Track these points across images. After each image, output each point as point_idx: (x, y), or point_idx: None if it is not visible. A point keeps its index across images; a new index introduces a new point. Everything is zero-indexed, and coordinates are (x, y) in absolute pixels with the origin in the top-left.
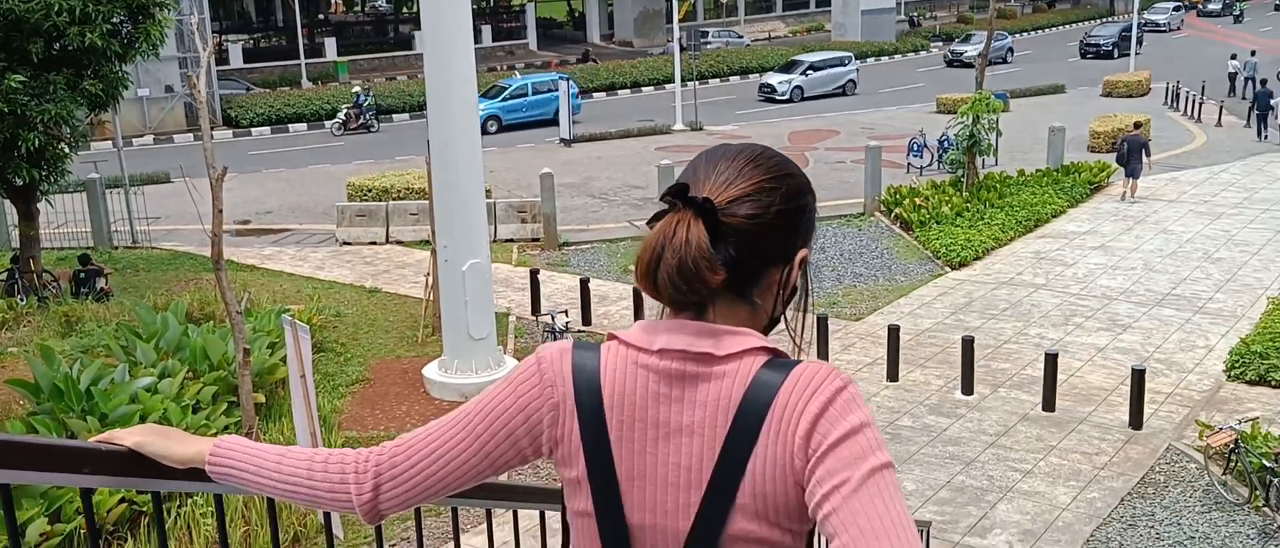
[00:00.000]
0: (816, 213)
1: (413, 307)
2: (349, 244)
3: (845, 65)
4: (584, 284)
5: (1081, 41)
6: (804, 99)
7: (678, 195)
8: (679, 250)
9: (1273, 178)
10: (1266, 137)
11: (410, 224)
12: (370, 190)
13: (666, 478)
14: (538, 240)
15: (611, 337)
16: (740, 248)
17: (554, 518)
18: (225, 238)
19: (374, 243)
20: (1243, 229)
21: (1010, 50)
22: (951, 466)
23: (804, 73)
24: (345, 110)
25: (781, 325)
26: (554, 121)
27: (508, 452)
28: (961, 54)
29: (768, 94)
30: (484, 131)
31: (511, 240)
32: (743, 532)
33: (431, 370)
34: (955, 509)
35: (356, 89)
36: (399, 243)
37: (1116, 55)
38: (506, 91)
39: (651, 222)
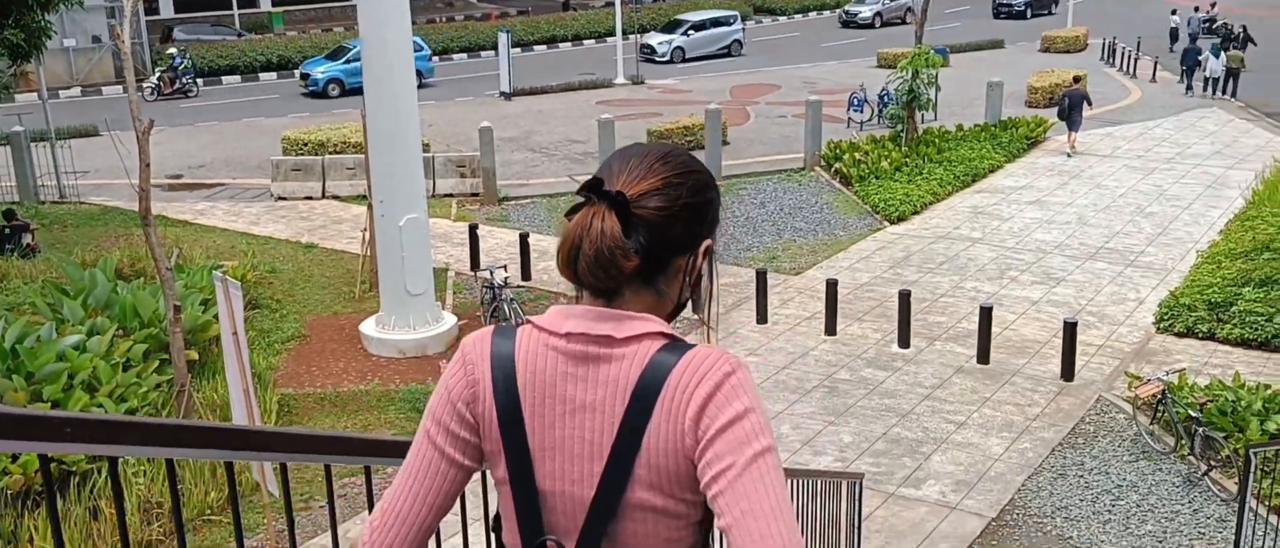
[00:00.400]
0: (720, 206)
1: (350, 262)
2: (284, 199)
3: (730, 25)
4: (524, 239)
5: (994, 2)
6: (685, 61)
7: (593, 190)
8: (595, 241)
9: (1204, 133)
10: (1192, 91)
11: (347, 179)
12: (306, 144)
13: (573, 450)
14: (477, 195)
15: (527, 322)
16: (650, 237)
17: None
18: (157, 193)
19: (310, 198)
20: (1174, 184)
21: (908, 10)
22: (888, 418)
23: (685, 33)
24: (159, 74)
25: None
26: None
27: (460, 446)
28: (856, 16)
29: (648, 55)
30: (324, 95)
31: (450, 195)
32: (640, 500)
33: (369, 327)
34: (891, 461)
35: (172, 51)
36: (335, 198)
37: (1030, 15)
38: (349, 54)
39: (569, 214)
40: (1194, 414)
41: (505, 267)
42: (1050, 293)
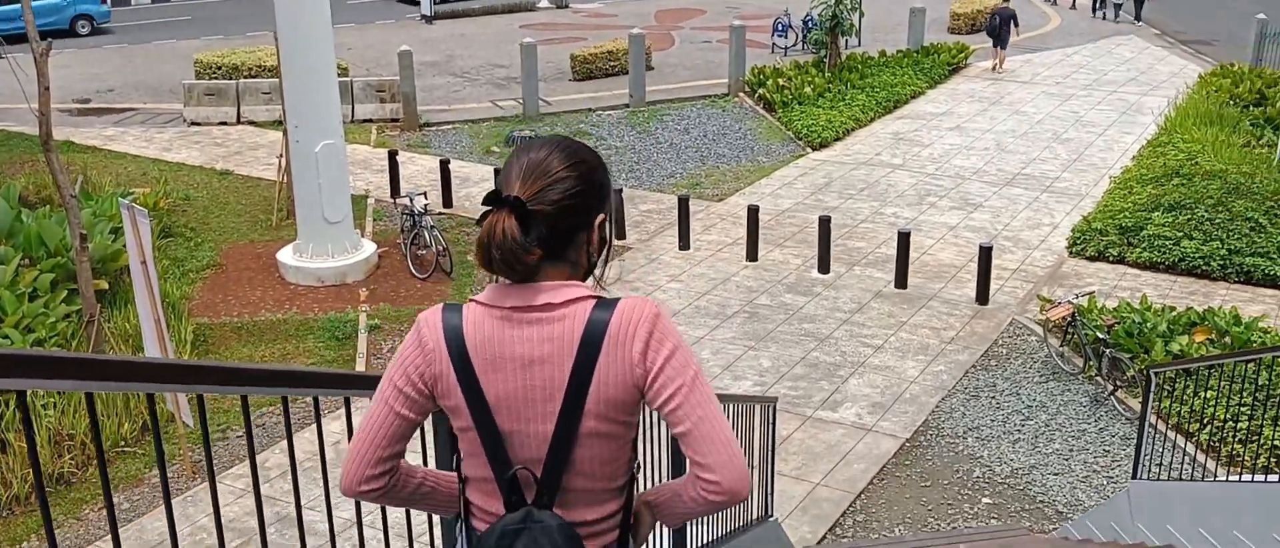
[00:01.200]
0: (609, 182)
1: (266, 190)
2: (198, 124)
3: None
4: (444, 166)
5: None
6: None
7: (493, 201)
8: (500, 243)
9: (1120, 60)
10: (1104, 15)
11: (263, 103)
12: (219, 68)
13: (530, 396)
14: (397, 121)
15: (470, 300)
16: (550, 226)
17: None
18: (64, 118)
19: (224, 123)
20: (1090, 110)
21: None
22: (807, 342)
23: None
24: None
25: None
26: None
27: (414, 407)
28: None
29: None
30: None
31: (370, 121)
32: (591, 429)
33: (286, 255)
34: (809, 384)
35: None
36: (252, 123)
37: None
38: None
39: (480, 220)
40: (1102, 336)
41: (426, 194)
42: (968, 218)
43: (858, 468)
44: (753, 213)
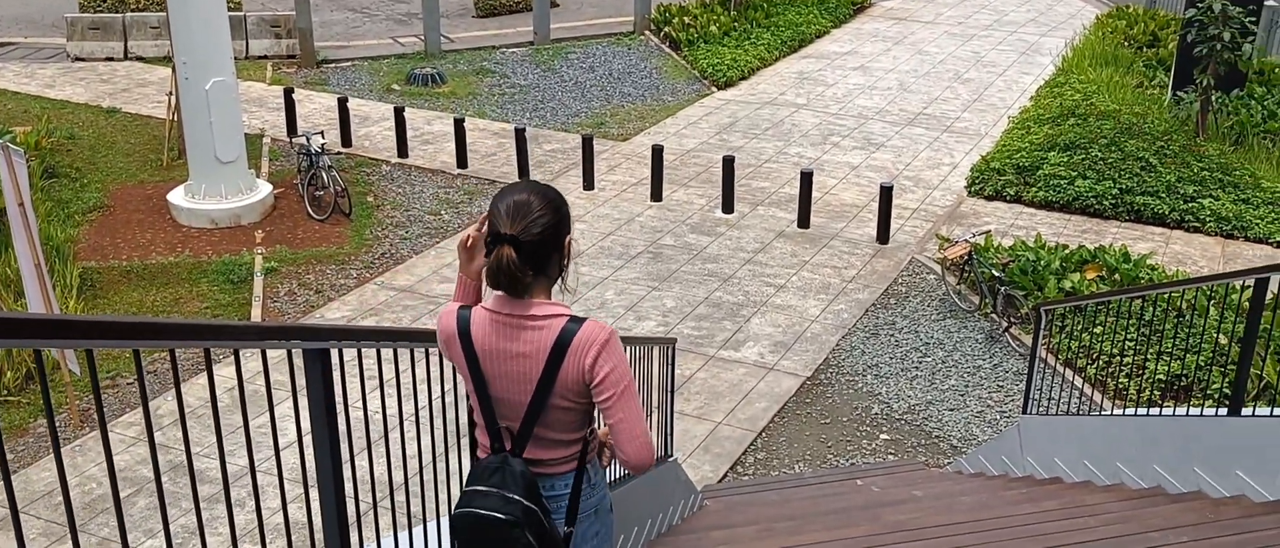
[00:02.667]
0: (570, 212)
1: (156, 128)
2: (82, 60)
3: None
4: (343, 104)
5: None
6: None
7: (496, 240)
8: (505, 269)
9: (1020, 1)
10: None
11: (151, 38)
12: (105, 1)
13: (514, 375)
14: (294, 57)
15: (479, 305)
16: (535, 252)
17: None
18: None
19: (111, 59)
20: (991, 51)
21: None
22: (710, 282)
23: None
24: None
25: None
26: None
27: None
28: None
29: None
30: None
31: (265, 57)
32: (555, 403)
33: (177, 196)
34: (712, 325)
35: None
36: (140, 59)
37: None
38: None
39: (487, 253)
40: (997, 274)
41: (323, 133)
42: (870, 158)
43: (759, 407)
44: (657, 153)
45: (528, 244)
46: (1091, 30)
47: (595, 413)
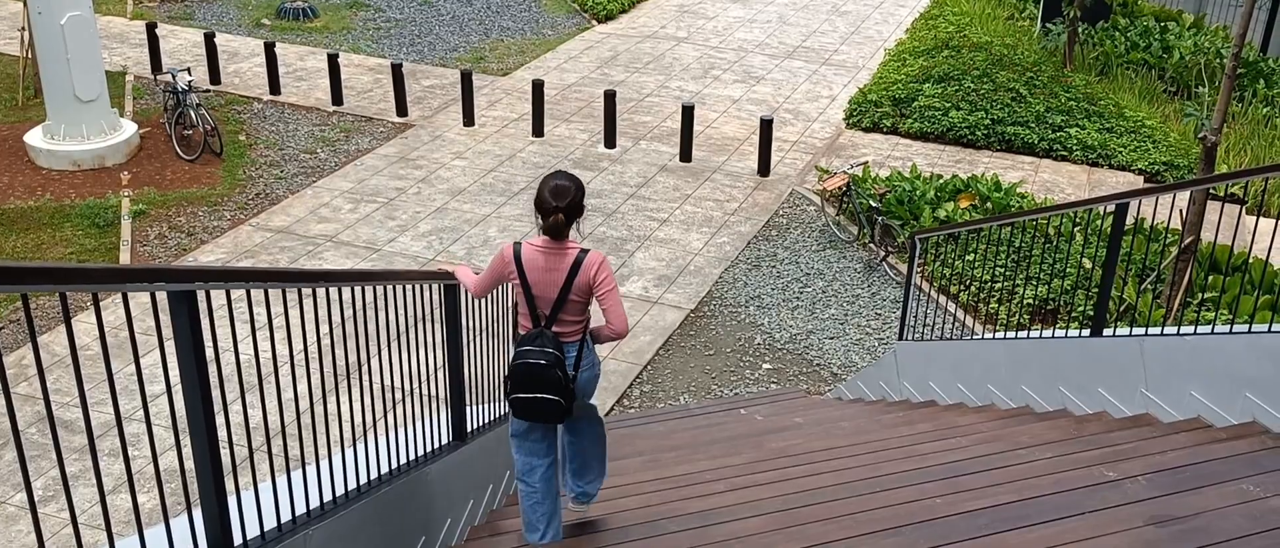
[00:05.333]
0: (582, 185)
1: (9, 66)
2: None
3: None
4: (210, 39)
5: None
6: None
7: (549, 210)
8: (555, 226)
9: None
10: None
11: None
12: None
13: (548, 283)
14: None
15: (526, 242)
16: (571, 213)
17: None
18: None
19: None
20: None
21: None
22: (594, 218)
23: None
24: None
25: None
26: None
27: (500, 278)
28: None
29: None
30: None
31: None
32: (571, 298)
33: (35, 137)
34: None
35: None
36: None
37: None
38: None
39: (544, 218)
40: (875, 205)
41: (190, 70)
42: (750, 91)
43: (644, 340)
44: (538, 88)
45: (568, 210)
46: None
47: (592, 308)
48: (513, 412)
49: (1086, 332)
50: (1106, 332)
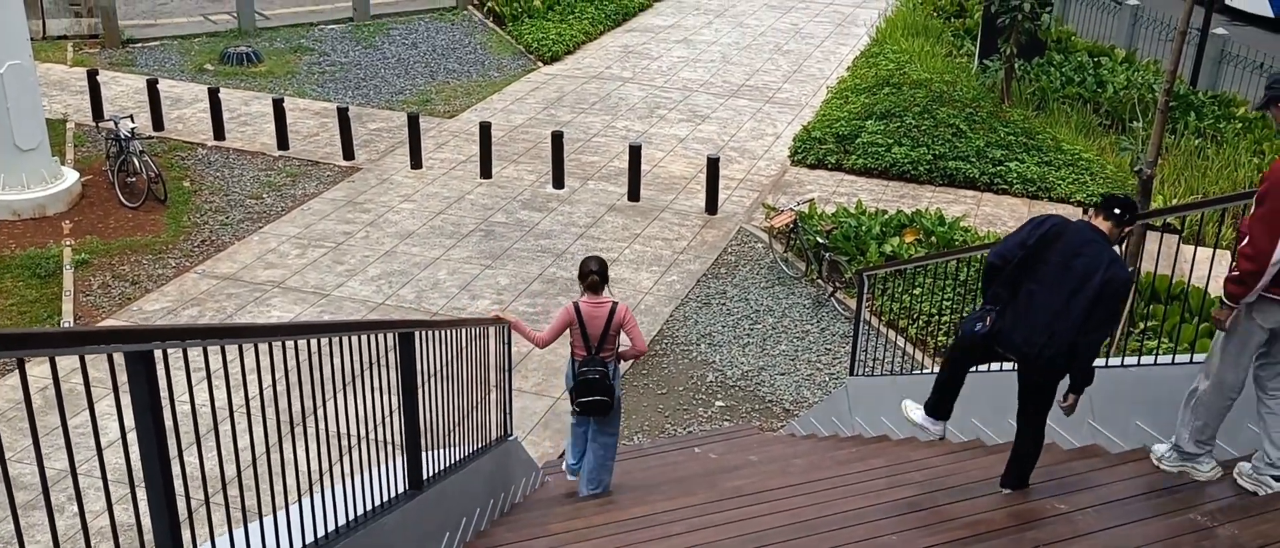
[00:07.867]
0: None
1: None
2: None
3: None
4: (153, 85)
5: None
6: None
7: (592, 278)
8: (597, 286)
9: None
10: None
11: None
12: None
13: (598, 324)
14: (97, 37)
15: (580, 300)
16: (605, 279)
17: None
18: None
19: None
20: (809, 23)
21: None
22: (543, 258)
23: None
24: None
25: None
26: None
27: (565, 328)
28: None
29: None
30: None
31: (65, 37)
32: (610, 334)
33: None
34: (547, 300)
35: None
36: None
37: None
38: None
39: (592, 288)
40: (822, 241)
41: (133, 116)
42: (696, 130)
43: None
44: (485, 129)
45: (604, 278)
46: (903, 1)
47: (622, 338)
48: (577, 411)
49: None
50: None
